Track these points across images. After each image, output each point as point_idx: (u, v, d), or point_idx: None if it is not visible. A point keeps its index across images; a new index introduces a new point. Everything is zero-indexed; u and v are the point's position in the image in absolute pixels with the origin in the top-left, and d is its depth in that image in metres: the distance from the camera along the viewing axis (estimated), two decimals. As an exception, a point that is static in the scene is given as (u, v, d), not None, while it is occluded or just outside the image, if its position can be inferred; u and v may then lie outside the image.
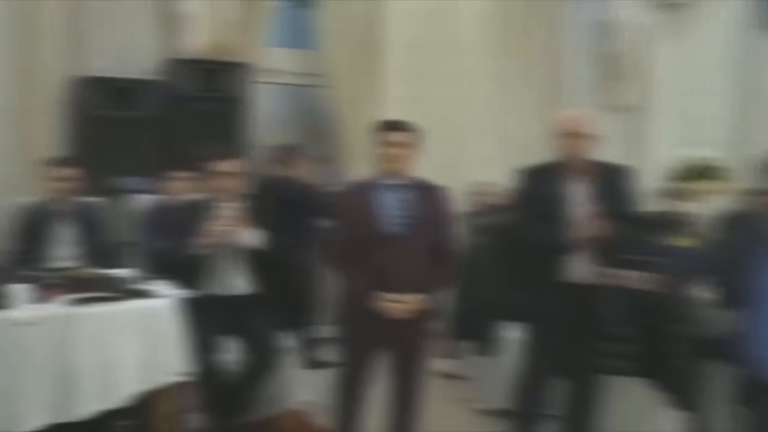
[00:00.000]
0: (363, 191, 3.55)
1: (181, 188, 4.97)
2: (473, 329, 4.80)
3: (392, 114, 5.87)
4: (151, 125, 5.18)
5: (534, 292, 3.87)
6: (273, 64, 6.04)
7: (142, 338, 3.02)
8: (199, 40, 5.35)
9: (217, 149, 4.92)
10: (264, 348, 3.72)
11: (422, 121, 5.71)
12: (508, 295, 4.73)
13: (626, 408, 3.96)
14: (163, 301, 3.14)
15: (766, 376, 2.30)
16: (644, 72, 7.61)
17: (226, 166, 3.89)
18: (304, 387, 3.94)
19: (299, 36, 6.55)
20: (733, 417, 3.09)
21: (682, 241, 5.21)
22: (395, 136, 3.45)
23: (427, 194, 3.54)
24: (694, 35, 7.97)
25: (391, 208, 3.44)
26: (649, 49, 7.64)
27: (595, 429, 3.91)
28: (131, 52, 5.35)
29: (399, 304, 3.32)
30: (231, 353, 3.65)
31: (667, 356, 3.69)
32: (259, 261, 3.86)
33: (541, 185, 3.76)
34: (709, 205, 5.52)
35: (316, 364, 4.82)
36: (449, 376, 5.02)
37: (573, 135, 3.66)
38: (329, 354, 5.01)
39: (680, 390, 3.71)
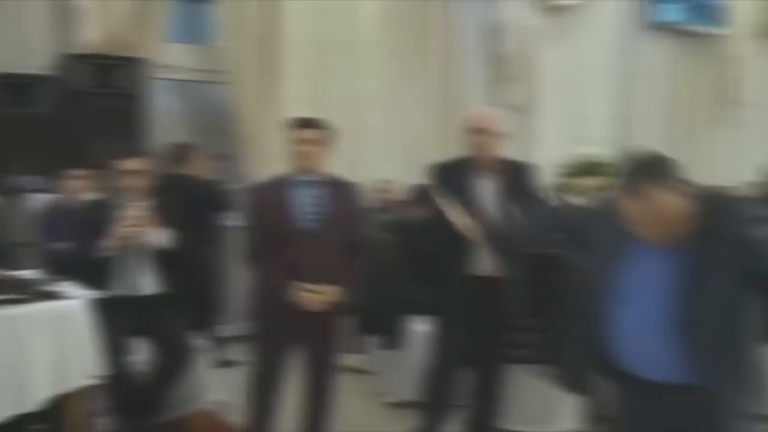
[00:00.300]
0: (276, 188, 3.57)
1: (79, 187, 4.84)
2: (379, 324, 4.88)
3: (290, 111, 5.88)
4: (46, 122, 5.00)
5: (440, 285, 3.98)
6: (171, 60, 5.93)
7: (54, 341, 2.92)
8: (94, 35, 5.19)
9: (116, 147, 4.86)
10: (174, 348, 3.68)
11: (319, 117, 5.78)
12: (413, 289, 4.86)
13: (530, 395, 4.15)
14: (75, 303, 3.05)
15: (623, 367, 2.40)
16: (532, 72, 7.86)
17: (129, 164, 3.83)
18: (215, 387, 3.91)
19: (197, 31, 6.45)
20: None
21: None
22: (307, 134, 3.48)
23: (338, 190, 3.59)
24: (579, 37, 8.34)
25: (304, 205, 3.48)
26: (536, 50, 7.89)
27: (500, 417, 4.04)
28: (25, 48, 5.14)
29: (314, 295, 3.36)
30: (140, 354, 3.59)
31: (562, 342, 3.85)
32: (165, 260, 3.82)
33: (450, 181, 3.83)
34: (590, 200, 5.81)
35: (224, 364, 4.80)
36: (356, 370, 5.05)
37: (480, 132, 3.76)
38: (237, 353, 5.01)
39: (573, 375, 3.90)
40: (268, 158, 6.04)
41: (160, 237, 3.75)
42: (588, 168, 5.59)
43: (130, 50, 5.36)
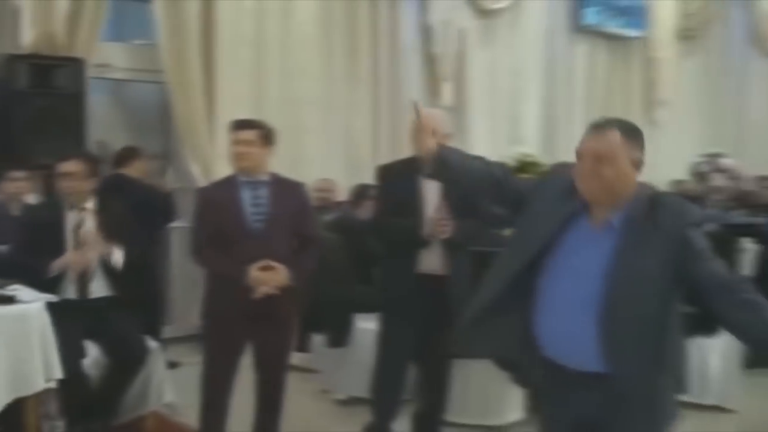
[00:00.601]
0: (221, 190, 3.62)
1: (19, 189, 4.78)
2: (325, 322, 4.94)
3: (229, 111, 5.90)
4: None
5: (386, 283, 4.06)
6: (108, 59, 5.87)
7: (11, 345, 2.92)
8: (32, 35, 5.07)
9: (56, 148, 4.82)
10: (126, 351, 3.69)
11: (258, 118, 5.81)
12: (358, 288, 4.95)
13: (476, 388, 4.28)
14: (32, 307, 3.04)
15: (545, 354, 2.35)
16: (464, 73, 8.02)
17: (70, 166, 3.82)
18: (166, 388, 3.91)
19: (134, 30, 6.40)
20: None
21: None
22: (243, 135, 3.52)
23: (284, 190, 3.64)
24: (509, 40, 8.55)
25: (249, 206, 3.52)
26: (468, 52, 8.05)
27: (447, 410, 4.14)
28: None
29: (267, 276, 3.41)
30: (92, 357, 3.58)
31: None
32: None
33: (396, 182, 3.91)
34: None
35: (169, 365, 4.80)
36: (301, 369, 5.08)
37: (426, 133, 3.85)
38: (182, 354, 5.02)
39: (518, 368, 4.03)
40: (206, 158, 6.04)
41: (110, 255, 3.76)
42: (523, 166, 5.78)
43: (68, 50, 5.27)
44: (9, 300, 3.03)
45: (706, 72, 11.04)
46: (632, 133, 2.27)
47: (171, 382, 3.99)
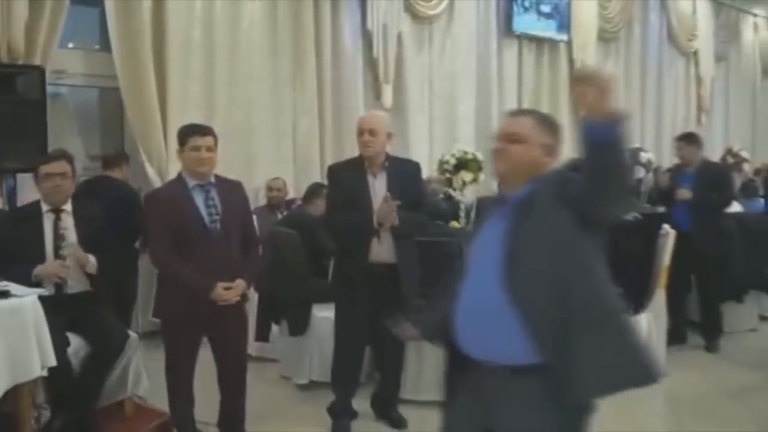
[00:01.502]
0: (174, 193, 3.73)
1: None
2: (282, 312, 5.19)
3: (180, 115, 6.11)
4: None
5: (340, 273, 4.31)
6: (63, 65, 6.01)
7: (9, 335, 3.12)
8: None
9: (18, 153, 4.99)
10: (107, 340, 3.86)
11: (208, 121, 6.11)
12: (313, 280, 5.23)
13: (427, 367, 4.56)
14: (25, 300, 3.25)
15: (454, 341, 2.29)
16: (402, 77, 8.38)
17: (59, 167, 3.96)
18: (142, 374, 4.12)
19: (91, 36, 6.54)
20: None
21: (454, 224, 6.01)
22: (206, 140, 3.66)
23: (228, 190, 3.80)
24: (445, 44, 8.98)
25: (204, 207, 3.67)
26: (405, 56, 8.42)
27: (401, 388, 4.45)
28: None
29: (228, 291, 3.61)
30: (73, 347, 3.76)
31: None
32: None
33: (345, 180, 4.16)
34: (469, 192, 6.38)
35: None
36: (259, 358, 5.29)
37: (369, 132, 4.06)
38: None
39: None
40: (161, 159, 6.21)
41: (86, 264, 3.93)
42: (463, 164, 6.12)
43: (26, 57, 5.42)
44: (4, 294, 3.24)
45: (627, 71, 11.67)
46: (546, 122, 2.34)
47: (152, 371, 4.15)
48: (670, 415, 4.83)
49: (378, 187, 4.10)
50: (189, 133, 3.69)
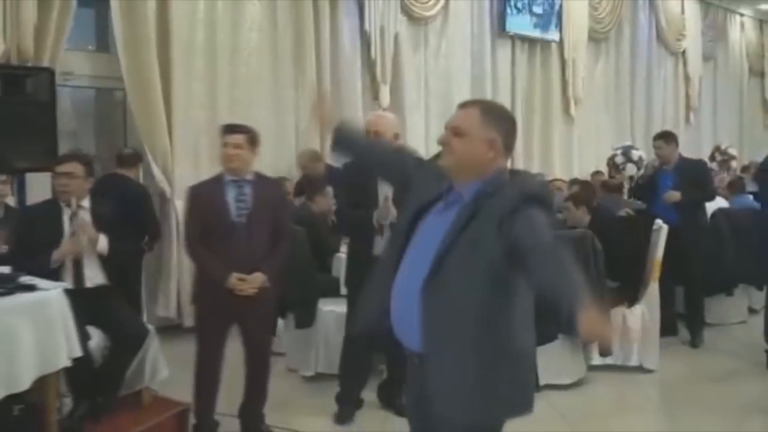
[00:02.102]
0: (209, 187, 3.97)
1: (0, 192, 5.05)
2: (290, 306, 5.32)
3: (184, 115, 6.36)
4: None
5: (351, 267, 4.45)
6: (70, 67, 6.10)
7: (36, 327, 3.23)
8: (1, 46, 5.25)
9: (29, 153, 5.11)
10: (126, 332, 4.00)
11: (211, 120, 6.23)
12: (319, 275, 5.37)
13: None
14: (52, 293, 3.39)
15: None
16: (399, 77, 8.51)
17: (71, 167, 4.07)
18: (160, 365, 4.24)
19: (88, 37, 6.65)
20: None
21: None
22: (232, 138, 3.88)
23: (265, 186, 4.02)
24: (440, 45, 9.13)
25: (234, 202, 3.88)
26: (402, 56, 8.55)
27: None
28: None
29: (245, 283, 3.80)
30: (94, 341, 3.88)
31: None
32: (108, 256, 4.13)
33: (355, 178, 4.24)
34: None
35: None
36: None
37: (377, 134, 4.16)
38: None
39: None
40: (166, 158, 6.34)
41: (96, 241, 4.05)
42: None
43: (35, 59, 5.52)
44: (31, 288, 3.37)
45: (617, 71, 11.85)
46: (493, 114, 2.25)
47: (172, 361, 4.31)
48: (661, 399, 5.11)
49: (385, 186, 4.16)
50: (222, 131, 3.95)
